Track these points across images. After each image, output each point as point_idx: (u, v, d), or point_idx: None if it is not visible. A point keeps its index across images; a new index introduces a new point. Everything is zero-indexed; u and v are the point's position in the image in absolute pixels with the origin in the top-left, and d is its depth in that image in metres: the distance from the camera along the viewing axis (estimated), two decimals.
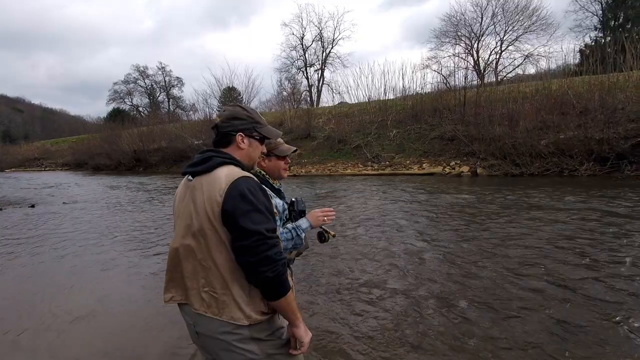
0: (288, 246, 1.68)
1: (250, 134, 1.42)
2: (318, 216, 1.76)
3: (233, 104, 1.49)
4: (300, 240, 1.71)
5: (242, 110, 1.43)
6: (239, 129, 1.39)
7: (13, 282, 4.52)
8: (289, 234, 1.69)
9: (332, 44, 39.23)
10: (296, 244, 1.71)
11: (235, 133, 1.38)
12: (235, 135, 1.38)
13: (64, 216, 8.86)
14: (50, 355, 2.80)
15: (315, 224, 1.76)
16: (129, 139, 26.72)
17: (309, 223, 1.75)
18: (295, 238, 1.70)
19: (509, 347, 2.52)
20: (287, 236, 1.68)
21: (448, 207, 7.33)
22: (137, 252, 5.48)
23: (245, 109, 1.45)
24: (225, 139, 1.39)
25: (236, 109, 1.43)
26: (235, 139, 1.38)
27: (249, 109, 1.46)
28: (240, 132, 1.39)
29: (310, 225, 1.75)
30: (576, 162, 10.64)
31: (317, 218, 1.76)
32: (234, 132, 1.38)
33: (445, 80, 20.83)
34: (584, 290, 3.29)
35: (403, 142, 16.60)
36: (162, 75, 52.20)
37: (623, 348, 2.42)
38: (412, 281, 3.82)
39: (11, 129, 72.63)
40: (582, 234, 4.93)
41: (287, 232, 1.69)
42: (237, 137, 1.38)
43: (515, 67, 30.25)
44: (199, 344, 1.39)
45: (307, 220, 1.75)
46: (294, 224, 1.74)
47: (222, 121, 1.40)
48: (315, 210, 1.79)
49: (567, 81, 13.51)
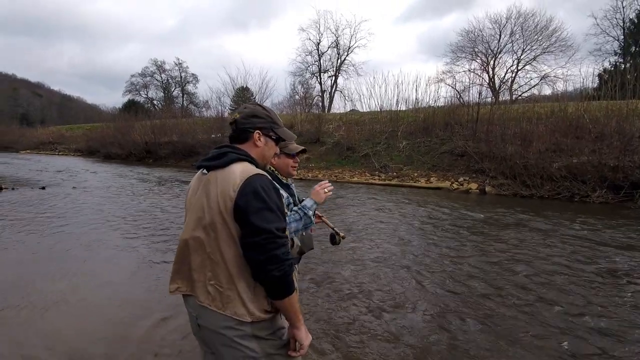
0: (299, 227, 1.77)
1: (267, 133, 1.45)
2: (319, 192, 1.85)
3: (254, 103, 1.53)
4: (309, 220, 1.79)
5: (262, 110, 1.46)
6: (257, 126, 1.42)
7: (16, 261, 4.58)
8: (296, 215, 1.77)
9: (347, 51, 39.45)
10: (306, 223, 1.80)
11: (253, 130, 1.41)
12: (253, 133, 1.41)
13: (72, 200, 8.99)
14: (46, 336, 2.83)
15: (320, 200, 1.85)
16: (141, 130, 27.00)
17: (313, 201, 1.83)
18: (304, 217, 1.78)
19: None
20: (295, 217, 1.76)
21: (454, 223, 7.27)
22: (141, 241, 5.52)
23: (265, 109, 1.47)
24: (243, 135, 1.41)
25: (256, 108, 1.46)
26: (252, 136, 1.41)
27: (269, 109, 1.49)
28: (258, 130, 1.41)
29: (315, 202, 1.83)
30: (588, 188, 10.46)
31: (319, 194, 1.85)
32: (252, 129, 1.41)
33: (459, 95, 20.74)
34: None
35: (412, 154, 16.52)
36: (179, 71, 52.94)
37: None
38: (406, 293, 3.78)
39: (30, 113, 74.12)
40: (581, 266, 4.85)
41: (295, 213, 1.78)
42: (254, 135, 1.41)
43: (531, 87, 30.07)
44: (200, 337, 1.40)
45: (311, 199, 1.84)
46: (300, 205, 1.83)
47: (242, 118, 1.42)
48: (314, 187, 1.87)
49: (584, 105, 13.33)
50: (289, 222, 1.70)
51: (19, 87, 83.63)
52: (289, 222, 1.71)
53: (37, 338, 2.79)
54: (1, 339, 2.78)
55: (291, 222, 1.73)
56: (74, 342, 2.74)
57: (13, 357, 2.55)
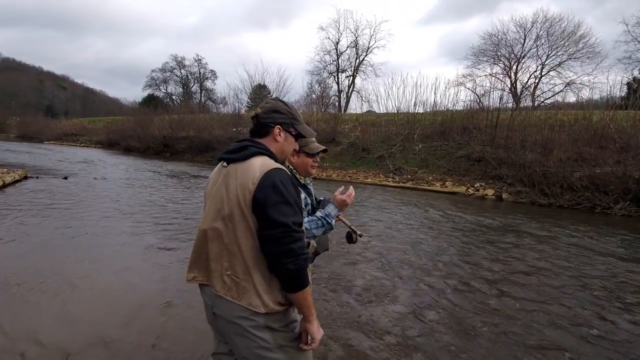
0: (319, 233, 1.78)
1: (288, 128, 1.46)
2: (345, 201, 1.86)
3: (275, 98, 1.54)
4: (330, 227, 1.82)
5: (284, 105, 1.48)
6: (278, 122, 1.43)
7: (39, 245, 4.75)
8: (319, 222, 1.78)
9: (366, 51, 39.26)
10: (326, 230, 1.83)
11: (274, 125, 1.42)
12: (273, 128, 1.42)
13: (91, 190, 9.25)
14: (63, 317, 2.92)
15: (342, 209, 1.87)
16: (159, 124, 27.55)
17: (337, 210, 1.85)
18: (326, 226, 1.80)
19: None
20: (318, 224, 1.77)
21: (471, 229, 7.16)
22: (158, 231, 5.64)
23: (287, 105, 1.49)
24: (263, 129, 1.43)
25: (278, 103, 1.48)
26: (273, 131, 1.43)
27: (290, 106, 1.50)
28: (279, 125, 1.43)
29: (339, 210, 1.85)
30: (611, 199, 10.13)
31: (342, 202, 1.85)
32: (273, 124, 1.42)
33: (479, 100, 20.39)
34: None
35: (428, 157, 16.34)
36: (198, 67, 53.76)
37: None
38: (419, 296, 3.75)
39: (54, 105, 76.65)
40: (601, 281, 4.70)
41: (318, 220, 1.79)
42: (274, 130, 1.42)
43: (555, 93, 29.18)
44: (214, 326, 1.42)
45: (335, 207, 1.85)
46: (323, 212, 1.82)
47: (263, 112, 1.44)
48: (336, 195, 1.88)
49: (610, 114, 12.92)
50: (310, 228, 1.72)
51: (44, 80, 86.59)
52: (310, 229, 1.73)
53: (48, 320, 2.89)
54: (19, 318, 2.89)
55: (312, 229, 1.75)
56: (74, 326, 2.82)
57: (26, 336, 2.64)
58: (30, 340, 2.59)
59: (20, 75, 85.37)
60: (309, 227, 1.73)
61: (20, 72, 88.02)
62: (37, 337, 2.63)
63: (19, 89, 78.43)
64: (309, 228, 1.73)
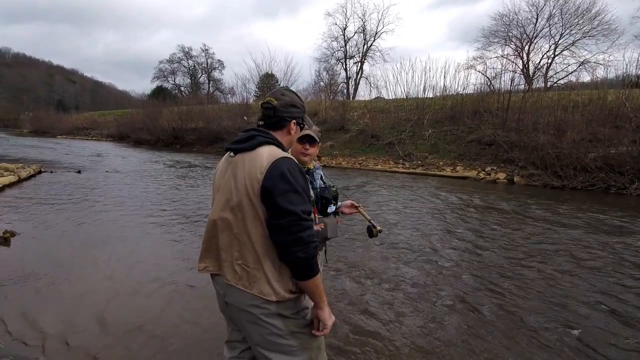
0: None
1: (300, 122, 1.49)
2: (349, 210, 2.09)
3: (289, 89, 1.52)
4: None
5: (299, 100, 1.49)
6: (295, 116, 1.45)
7: (57, 238, 4.88)
8: None
9: (374, 37, 38.54)
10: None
11: (291, 120, 1.44)
12: (290, 122, 1.44)
13: (105, 183, 9.41)
14: (77, 306, 3.02)
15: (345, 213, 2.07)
16: (169, 116, 27.71)
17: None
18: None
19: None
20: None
21: (481, 212, 7.10)
22: (171, 222, 5.73)
23: (300, 98, 1.51)
24: (280, 123, 1.44)
25: (294, 97, 1.48)
26: (289, 125, 1.44)
27: (302, 98, 1.52)
28: (295, 119, 1.45)
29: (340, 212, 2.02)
30: (626, 179, 9.91)
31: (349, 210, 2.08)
32: (290, 118, 1.44)
33: (490, 82, 19.91)
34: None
35: (438, 142, 16.14)
36: (205, 57, 53.52)
37: None
38: (433, 281, 3.76)
39: (65, 99, 77.56)
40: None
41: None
42: (291, 124, 1.45)
43: (569, 73, 28.26)
44: (227, 314, 1.46)
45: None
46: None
47: (282, 106, 1.43)
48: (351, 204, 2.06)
49: (626, 92, 12.52)
50: None
51: (54, 74, 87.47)
52: None
53: (53, 312, 2.99)
54: (45, 308, 3.00)
55: None
56: (77, 317, 2.92)
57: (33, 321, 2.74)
58: (56, 332, 2.69)
59: (30, 70, 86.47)
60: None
61: (31, 67, 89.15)
62: (64, 328, 2.73)
63: (30, 84, 79.54)
64: None
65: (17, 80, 79.24)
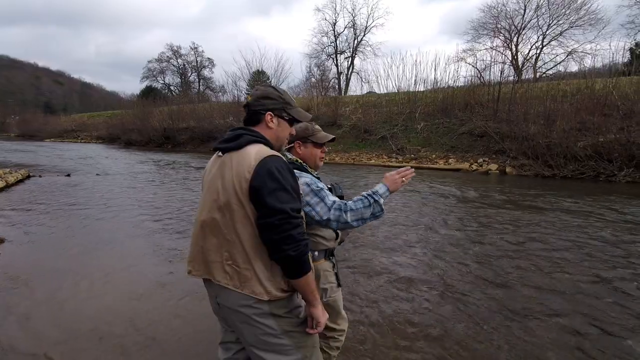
0: (366, 215, 1.53)
1: (280, 114, 1.43)
2: (395, 179, 1.59)
3: (265, 84, 1.51)
4: (379, 207, 1.53)
5: (274, 91, 1.44)
6: (269, 108, 1.40)
7: (48, 242, 4.81)
8: (365, 201, 1.53)
9: (364, 31, 38.49)
10: (376, 212, 1.54)
11: (265, 112, 1.40)
12: (264, 114, 1.40)
13: (95, 187, 9.29)
14: (69, 314, 2.98)
15: (394, 188, 1.58)
16: (159, 116, 27.45)
17: (386, 187, 1.57)
18: (374, 205, 1.52)
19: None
20: (364, 202, 1.53)
21: (476, 204, 7.15)
22: (163, 224, 5.68)
23: (277, 90, 1.46)
24: (255, 117, 1.41)
25: (268, 89, 1.44)
26: (264, 117, 1.40)
27: (281, 90, 1.47)
28: (270, 111, 1.40)
29: (388, 189, 1.57)
30: (615, 167, 10.07)
31: (395, 181, 1.59)
32: (264, 111, 1.40)
33: (480, 74, 20.01)
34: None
35: (430, 135, 16.22)
36: (194, 55, 52.95)
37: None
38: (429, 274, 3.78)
39: (52, 101, 76.31)
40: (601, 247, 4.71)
41: (364, 199, 1.54)
42: (266, 116, 1.40)
43: (557, 63, 28.57)
44: (220, 315, 1.44)
45: (384, 185, 1.57)
46: (370, 190, 1.57)
47: (254, 99, 1.41)
48: (391, 173, 1.61)
49: (613, 81, 12.69)
50: (355, 208, 1.52)
51: (41, 76, 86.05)
52: (356, 209, 1.52)
53: (48, 318, 2.96)
54: (35, 314, 2.96)
55: (359, 208, 1.52)
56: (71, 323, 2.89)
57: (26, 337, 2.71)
58: (49, 338, 2.66)
59: (15, 73, 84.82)
60: (354, 207, 1.52)
61: (15, 69, 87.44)
62: (57, 334, 2.69)
63: (16, 87, 78.10)
64: (355, 208, 1.52)
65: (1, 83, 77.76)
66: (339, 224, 1.54)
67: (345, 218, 1.52)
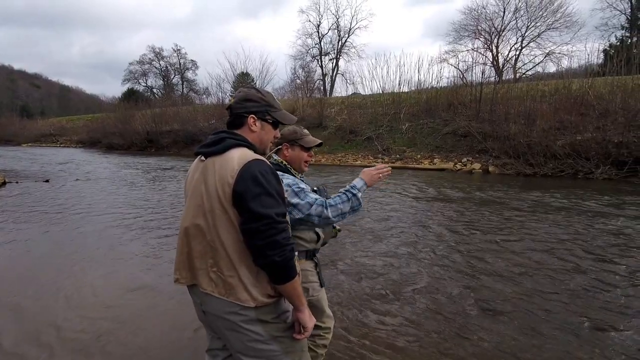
0: (345, 209, 1.60)
1: (263, 117, 1.41)
2: (372, 174, 1.66)
3: (249, 86, 1.48)
4: (358, 202, 1.61)
5: (256, 93, 1.41)
6: (251, 111, 1.38)
7: (24, 252, 4.65)
8: (343, 196, 1.60)
9: (348, 33, 38.77)
10: (354, 206, 1.61)
11: (247, 115, 1.37)
12: (247, 117, 1.37)
13: (75, 192, 9.04)
14: (55, 326, 2.89)
15: (371, 183, 1.66)
16: (142, 119, 26.89)
17: (363, 181, 1.65)
18: (352, 199, 1.60)
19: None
20: (342, 198, 1.60)
21: (459, 203, 7.27)
22: (144, 231, 5.57)
23: (260, 92, 1.43)
24: (237, 120, 1.39)
25: (250, 91, 1.42)
26: (247, 120, 1.37)
27: (264, 92, 1.44)
28: (252, 114, 1.38)
29: (366, 184, 1.64)
30: (592, 164, 10.40)
31: (372, 176, 1.66)
32: (246, 114, 1.37)
33: (462, 75, 20.39)
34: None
35: (415, 136, 16.41)
36: (177, 57, 52.24)
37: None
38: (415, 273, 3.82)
39: (29, 104, 73.90)
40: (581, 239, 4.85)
41: (342, 195, 1.61)
42: (248, 119, 1.37)
43: (536, 64, 29.48)
44: (206, 323, 1.41)
45: (362, 179, 1.65)
46: (348, 185, 1.64)
47: (236, 102, 1.39)
48: (369, 168, 1.68)
49: (589, 81, 13.11)
50: (334, 203, 1.59)
51: (16, 79, 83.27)
52: (336, 204, 1.59)
53: (41, 326, 2.86)
54: (16, 327, 2.85)
55: (338, 204, 1.58)
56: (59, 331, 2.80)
57: (20, 345, 2.61)
58: (29, 349, 2.56)
59: None
60: (334, 202, 1.59)
61: None
62: (39, 345, 2.60)
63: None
64: (334, 204, 1.59)
65: None
66: (320, 219, 1.60)
67: (327, 214, 1.59)
